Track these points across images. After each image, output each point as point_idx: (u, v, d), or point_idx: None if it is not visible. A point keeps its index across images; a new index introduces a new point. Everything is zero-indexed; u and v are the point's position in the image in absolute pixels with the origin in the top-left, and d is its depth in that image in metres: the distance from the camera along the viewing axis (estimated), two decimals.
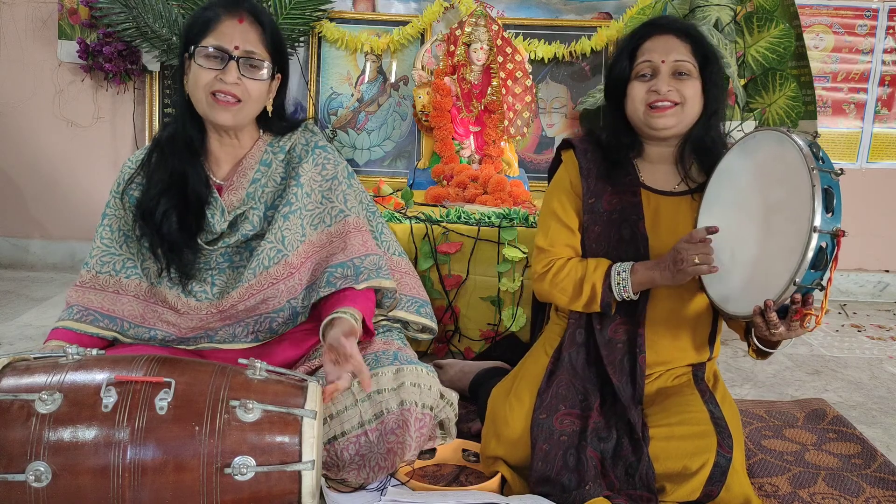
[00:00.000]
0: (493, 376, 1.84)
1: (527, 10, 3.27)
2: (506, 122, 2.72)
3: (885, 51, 3.32)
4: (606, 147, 1.65)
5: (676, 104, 1.55)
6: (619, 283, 1.54)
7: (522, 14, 3.26)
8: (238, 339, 1.61)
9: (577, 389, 1.57)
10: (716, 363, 1.71)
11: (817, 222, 1.27)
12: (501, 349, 2.21)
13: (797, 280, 1.30)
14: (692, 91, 1.55)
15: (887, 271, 3.53)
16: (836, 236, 1.29)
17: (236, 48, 1.53)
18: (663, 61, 1.54)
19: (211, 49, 1.53)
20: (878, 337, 2.89)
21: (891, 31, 3.31)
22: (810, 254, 1.28)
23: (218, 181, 1.65)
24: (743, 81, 2.67)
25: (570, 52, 3.15)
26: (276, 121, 1.69)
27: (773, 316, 1.36)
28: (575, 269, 1.59)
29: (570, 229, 1.63)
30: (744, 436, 1.69)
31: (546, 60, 3.17)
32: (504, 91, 2.72)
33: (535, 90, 2.84)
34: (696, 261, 1.42)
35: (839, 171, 1.32)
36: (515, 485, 1.53)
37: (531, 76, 2.78)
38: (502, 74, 2.72)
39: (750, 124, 2.84)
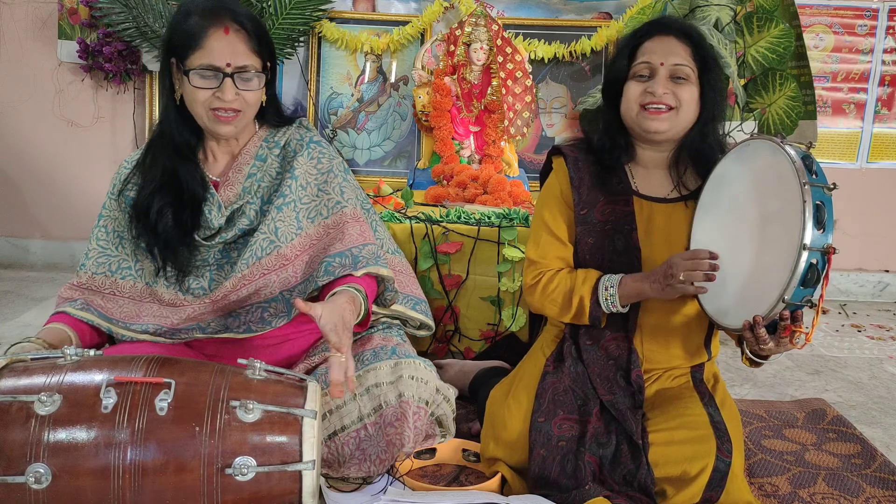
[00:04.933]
0: (493, 376, 1.84)
1: (527, 10, 3.26)
2: (506, 122, 2.72)
3: (885, 51, 3.32)
4: (598, 149, 1.62)
5: (671, 108, 1.52)
6: (607, 299, 1.52)
7: (522, 14, 3.26)
8: (230, 330, 1.60)
9: (576, 395, 1.55)
10: (715, 364, 1.70)
11: (807, 239, 1.25)
12: (501, 349, 2.21)
13: (786, 297, 1.28)
14: (688, 96, 1.52)
15: (887, 271, 3.52)
16: (826, 253, 1.27)
17: (228, 65, 1.52)
18: (662, 63, 1.52)
19: (205, 71, 1.52)
20: (878, 337, 2.89)
21: (891, 31, 3.31)
22: (800, 271, 1.26)
23: (214, 177, 1.66)
24: (743, 81, 2.67)
25: (570, 52, 3.15)
26: (273, 111, 1.69)
27: (762, 332, 1.34)
28: (564, 281, 1.57)
29: (560, 241, 1.62)
30: (744, 437, 1.68)
31: (546, 60, 3.17)
32: (504, 91, 2.72)
33: (535, 90, 2.84)
34: (684, 279, 1.39)
35: (832, 186, 1.30)
36: (515, 485, 1.53)
37: (531, 76, 2.78)
38: (502, 74, 2.72)
39: (749, 124, 2.84)
